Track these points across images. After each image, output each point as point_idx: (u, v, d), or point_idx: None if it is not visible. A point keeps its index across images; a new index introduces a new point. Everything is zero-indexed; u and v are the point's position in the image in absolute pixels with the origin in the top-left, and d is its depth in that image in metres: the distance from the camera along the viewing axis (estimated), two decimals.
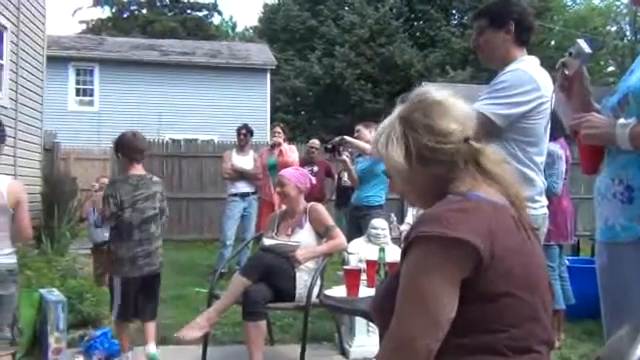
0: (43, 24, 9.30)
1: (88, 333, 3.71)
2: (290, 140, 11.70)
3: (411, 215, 6.23)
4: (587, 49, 1.65)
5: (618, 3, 24.17)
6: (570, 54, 1.70)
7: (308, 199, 6.38)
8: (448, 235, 1.11)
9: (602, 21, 24.29)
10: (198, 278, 6.31)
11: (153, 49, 17.11)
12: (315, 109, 22.90)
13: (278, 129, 6.48)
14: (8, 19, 7.77)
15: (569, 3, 26.60)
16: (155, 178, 3.63)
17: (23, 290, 3.36)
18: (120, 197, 3.35)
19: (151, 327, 3.43)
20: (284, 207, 3.59)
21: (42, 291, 3.64)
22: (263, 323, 3.03)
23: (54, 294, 3.55)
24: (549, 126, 2.25)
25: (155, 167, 9.64)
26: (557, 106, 2.20)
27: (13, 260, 2.68)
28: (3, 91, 7.65)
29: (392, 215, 6.05)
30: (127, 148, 3.47)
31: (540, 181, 2.21)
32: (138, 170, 3.50)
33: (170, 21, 26.10)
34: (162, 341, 3.86)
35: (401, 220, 6.89)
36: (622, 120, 1.50)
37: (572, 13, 25.80)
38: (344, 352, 3.61)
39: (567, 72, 1.71)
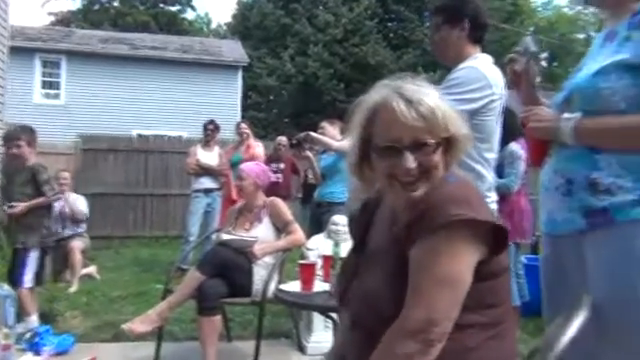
0: (6, 13, 9.05)
1: (29, 330, 3.61)
2: (261, 137, 11.68)
3: None
4: (533, 47, 1.68)
5: (586, 12, 24.75)
6: (517, 51, 1.73)
7: (274, 196, 6.39)
8: (479, 219, 1.14)
9: (570, 28, 24.83)
10: (161, 275, 6.20)
11: (123, 43, 16.82)
12: (287, 107, 22.83)
13: (244, 125, 6.46)
14: None
15: (539, 9, 27.10)
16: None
17: None
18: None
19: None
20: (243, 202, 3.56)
21: None
22: (217, 318, 3.00)
23: (3, 289, 3.45)
24: (501, 123, 2.27)
25: (119, 162, 9.51)
26: (510, 103, 2.23)
27: None
28: None
29: None
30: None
31: (490, 177, 2.22)
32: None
33: (142, 15, 25.72)
34: (117, 338, 3.80)
35: None
36: (566, 114, 1.52)
37: (542, 18, 26.31)
38: (301, 348, 3.59)
39: (516, 68, 1.74)
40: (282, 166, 7.12)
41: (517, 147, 3.90)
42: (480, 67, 2.15)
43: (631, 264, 1.39)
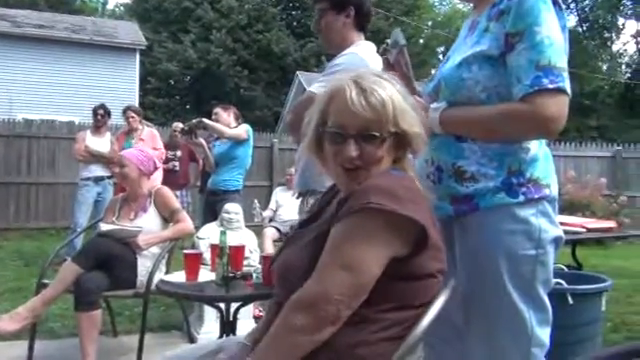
0: None
1: None
2: (161, 124, 11.24)
3: (274, 201, 6.23)
4: (401, 40, 1.70)
5: None
6: (387, 44, 1.74)
7: (172, 184, 6.18)
8: (400, 212, 1.12)
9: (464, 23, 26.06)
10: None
11: (4, 19, 15.43)
12: (189, 94, 22.23)
13: (131, 113, 6.16)
14: None
15: (436, 4, 28.26)
16: None
17: None
18: None
19: None
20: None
21: None
22: (97, 313, 2.83)
23: None
24: None
25: None
26: None
27: None
28: None
29: (255, 201, 6.02)
30: None
31: None
32: None
33: None
34: None
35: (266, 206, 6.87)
36: (434, 104, 1.55)
37: (439, 13, 27.46)
38: (192, 340, 3.50)
39: (389, 58, 1.75)
40: (179, 153, 6.92)
41: None
42: (361, 54, 2.17)
43: (494, 248, 1.45)
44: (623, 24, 25.94)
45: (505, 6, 1.44)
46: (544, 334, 1.50)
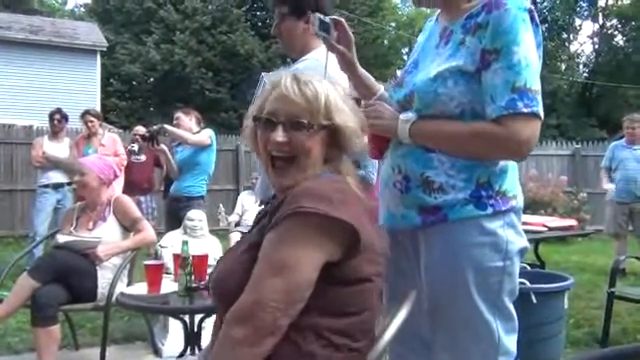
0: None
1: None
2: (124, 127, 10.98)
3: (240, 205, 6.18)
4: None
5: None
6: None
7: (136, 189, 6.02)
8: (331, 214, 1.11)
9: None
10: (4, 280, 5.61)
11: None
12: (153, 96, 21.84)
13: (90, 117, 6.00)
14: None
15: (399, 5, 28.50)
16: None
17: None
18: None
19: None
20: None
21: None
22: (55, 328, 2.74)
23: None
24: None
25: None
26: None
27: None
28: None
29: (221, 206, 5.96)
30: None
31: None
32: None
33: None
34: None
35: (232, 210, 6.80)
36: (404, 115, 1.52)
37: (402, 14, 27.69)
38: (156, 351, 3.42)
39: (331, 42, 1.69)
40: (143, 158, 6.76)
41: None
42: (322, 59, 2.14)
43: (461, 260, 1.44)
44: (580, 25, 26.65)
45: (482, 20, 1.41)
46: (511, 343, 1.50)
